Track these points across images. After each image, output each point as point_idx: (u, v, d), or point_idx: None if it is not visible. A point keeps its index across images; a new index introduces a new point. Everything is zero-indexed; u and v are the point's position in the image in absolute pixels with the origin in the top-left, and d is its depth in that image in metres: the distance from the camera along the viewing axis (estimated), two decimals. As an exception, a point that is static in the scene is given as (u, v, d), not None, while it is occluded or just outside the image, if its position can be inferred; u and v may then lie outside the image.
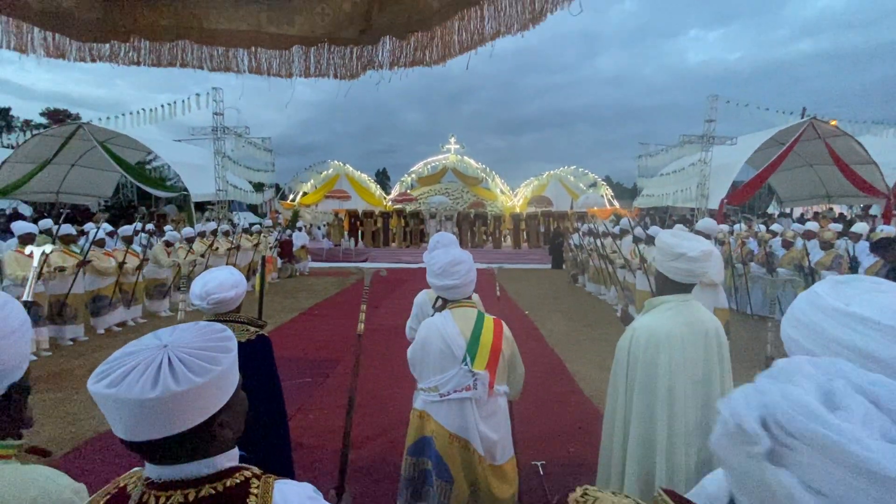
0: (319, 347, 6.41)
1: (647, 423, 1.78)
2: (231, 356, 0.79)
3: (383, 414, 4.18)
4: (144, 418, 0.71)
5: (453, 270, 2.05)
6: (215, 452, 0.80)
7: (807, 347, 0.73)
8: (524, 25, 1.39)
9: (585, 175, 25.65)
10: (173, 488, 0.75)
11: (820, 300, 0.74)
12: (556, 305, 9.49)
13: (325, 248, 18.21)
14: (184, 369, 0.73)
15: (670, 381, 1.76)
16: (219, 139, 16.02)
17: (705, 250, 1.81)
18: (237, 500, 0.76)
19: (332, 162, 25.18)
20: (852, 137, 15.88)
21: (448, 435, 1.97)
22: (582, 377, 5.13)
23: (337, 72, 1.77)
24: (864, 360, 0.66)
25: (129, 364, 0.73)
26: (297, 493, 0.81)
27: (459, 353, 1.98)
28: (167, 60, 1.71)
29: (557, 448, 3.57)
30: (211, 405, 0.76)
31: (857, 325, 0.68)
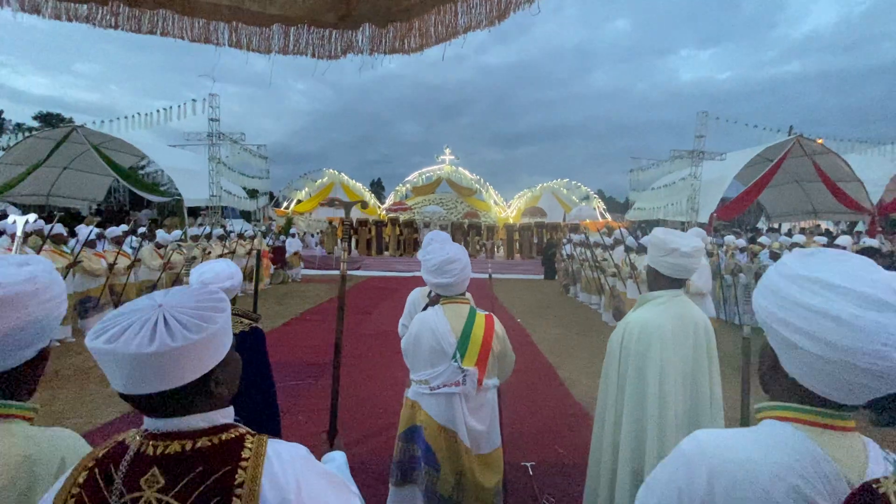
0: (310, 352, 6.38)
1: (639, 414, 1.81)
2: (225, 316, 0.81)
3: (375, 417, 4.17)
4: (142, 373, 0.73)
5: (448, 268, 2.07)
6: (211, 408, 0.82)
7: (776, 313, 0.78)
8: (491, 21, 1.49)
9: (578, 188, 25.91)
10: (170, 439, 0.77)
11: (787, 269, 0.79)
12: (548, 314, 9.53)
13: (318, 256, 18.16)
14: (179, 327, 0.75)
15: (661, 374, 1.80)
16: (214, 145, 16.04)
17: (697, 246, 1.87)
18: (232, 452, 0.77)
19: (327, 170, 25.23)
20: (838, 155, 16.28)
21: (437, 426, 2.00)
22: (572, 382, 5.16)
23: (315, 52, 1.81)
24: (825, 320, 0.71)
25: (125, 322, 0.75)
26: (290, 450, 0.83)
27: (450, 350, 2.01)
28: (147, 28, 1.71)
29: (547, 449, 3.58)
30: (206, 362, 0.79)
31: (820, 290, 0.72)
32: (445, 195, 26.93)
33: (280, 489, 0.76)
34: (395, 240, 19.99)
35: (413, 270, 15.45)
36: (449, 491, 1.98)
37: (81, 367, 5.48)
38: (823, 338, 0.70)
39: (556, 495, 2.95)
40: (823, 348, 0.71)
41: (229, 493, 0.73)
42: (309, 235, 20.37)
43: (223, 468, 0.75)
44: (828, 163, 16.30)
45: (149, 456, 0.75)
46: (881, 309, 0.68)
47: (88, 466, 0.77)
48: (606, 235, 9.33)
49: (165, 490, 0.73)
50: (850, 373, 0.70)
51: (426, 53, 1.68)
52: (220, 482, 0.74)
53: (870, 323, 0.67)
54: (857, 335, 0.68)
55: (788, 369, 0.79)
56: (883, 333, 0.67)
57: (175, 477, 0.74)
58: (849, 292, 0.70)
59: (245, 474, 0.75)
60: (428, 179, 26.70)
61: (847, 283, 0.71)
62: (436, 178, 26.61)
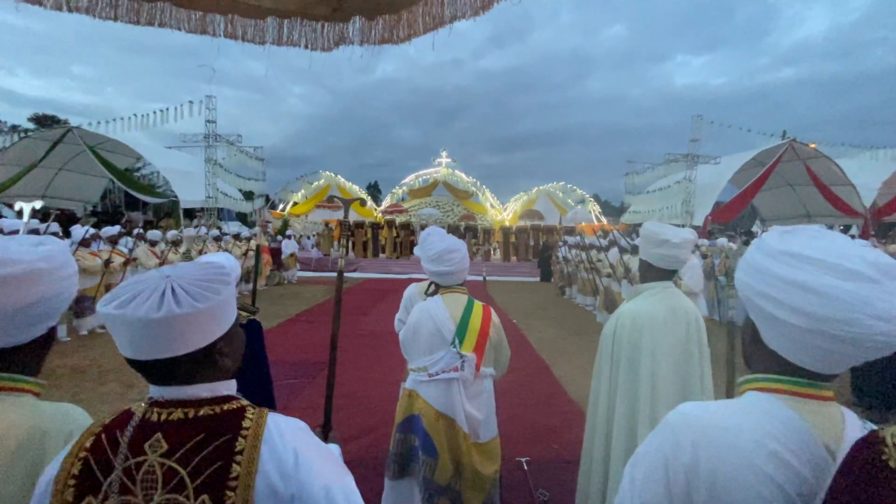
0: (306, 351, 6.37)
1: (631, 402, 1.84)
2: (230, 289, 0.84)
3: (368, 415, 4.18)
4: (150, 338, 0.76)
5: (448, 257, 2.13)
6: (215, 379, 0.84)
7: (756, 287, 0.81)
8: (476, 11, 1.56)
9: (574, 191, 26.06)
10: (174, 406, 0.80)
11: (767, 245, 0.82)
12: (544, 315, 9.57)
13: (313, 258, 18.15)
14: (185, 295, 0.78)
15: (653, 362, 1.83)
16: (210, 147, 16.04)
17: (686, 237, 1.91)
18: (233, 422, 0.80)
19: (324, 172, 25.26)
20: (830, 160, 16.46)
21: (435, 413, 2.02)
22: (567, 380, 5.19)
23: (309, 44, 1.86)
24: (803, 292, 0.74)
25: (135, 290, 0.78)
26: (289, 423, 0.85)
27: (449, 336, 2.05)
28: (145, 19, 1.75)
29: (541, 445, 3.60)
30: (211, 331, 0.81)
31: (798, 263, 0.75)
32: (442, 198, 27.02)
33: (278, 458, 0.78)
34: (391, 242, 20.00)
35: (409, 273, 15.46)
36: (447, 479, 2.00)
37: (77, 367, 5.46)
38: (802, 309, 0.73)
39: (550, 489, 2.97)
40: (802, 319, 0.74)
41: (229, 459, 0.76)
42: (305, 238, 20.36)
43: (224, 436, 0.77)
44: (820, 167, 16.48)
45: (153, 422, 0.78)
46: (856, 279, 0.71)
47: (95, 432, 0.79)
48: (602, 238, 9.40)
49: (168, 455, 0.75)
50: (827, 341, 0.73)
51: (422, 58, 1.73)
52: (221, 449, 0.76)
53: (845, 293, 0.70)
54: (834, 305, 0.71)
55: (769, 342, 0.82)
56: (858, 303, 0.69)
57: (178, 442, 0.76)
58: (825, 265, 0.73)
59: (245, 442, 0.77)
60: (424, 182, 26.77)
61: (823, 256, 0.74)
62: (432, 180, 26.69)
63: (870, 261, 0.72)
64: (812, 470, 0.71)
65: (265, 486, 0.75)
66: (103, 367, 5.47)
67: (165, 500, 0.73)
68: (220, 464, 0.75)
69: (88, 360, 5.73)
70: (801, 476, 0.71)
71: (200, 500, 0.73)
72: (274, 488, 0.75)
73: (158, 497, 0.73)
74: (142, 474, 0.74)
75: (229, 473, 0.74)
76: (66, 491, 0.73)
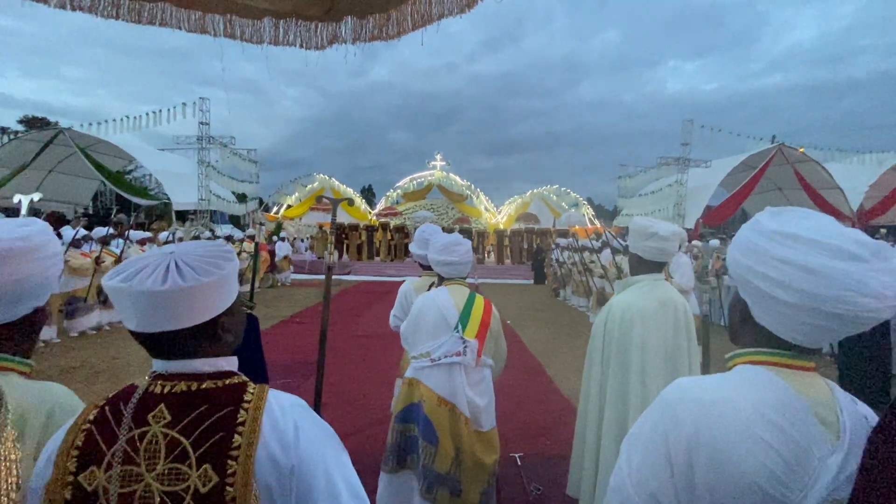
0: (300, 352, 6.36)
1: (622, 392, 1.88)
2: (232, 265, 0.86)
3: (360, 414, 4.20)
4: (154, 311, 0.78)
5: (454, 248, 2.24)
6: (217, 354, 0.86)
7: (751, 266, 0.84)
8: (462, 9, 1.62)
9: (568, 194, 26.19)
10: (177, 379, 0.81)
11: (760, 226, 0.86)
12: (538, 316, 9.62)
13: (307, 261, 18.09)
14: (189, 269, 0.80)
15: (643, 354, 1.88)
16: (204, 149, 15.96)
17: (675, 231, 1.96)
18: (235, 395, 0.81)
19: (318, 175, 25.20)
20: (818, 164, 16.72)
21: (436, 398, 2.05)
22: (560, 379, 5.23)
23: (303, 43, 1.93)
24: (796, 270, 0.77)
25: (140, 265, 0.80)
26: (289, 398, 0.86)
27: (452, 321, 2.11)
28: (147, 19, 1.80)
29: (534, 441, 3.64)
30: (214, 305, 0.83)
31: (791, 243, 0.79)
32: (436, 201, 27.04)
33: (279, 431, 0.79)
34: (385, 245, 19.99)
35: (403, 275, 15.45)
36: (447, 467, 2.02)
37: (66, 367, 5.41)
38: (795, 286, 0.77)
39: (543, 484, 2.99)
40: (795, 296, 0.77)
41: (231, 429, 0.77)
42: (299, 240, 20.30)
43: (226, 408, 0.79)
44: (809, 171, 16.73)
45: (156, 394, 0.79)
46: (846, 258, 0.74)
47: (99, 405, 0.81)
48: (595, 240, 9.48)
49: (171, 425, 0.77)
50: (818, 318, 0.77)
51: (416, 62, 1.78)
52: (223, 420, 0.78)
53: (836, 271, 0.74)
54: (825, 282, 0.74)
55: (759, 319, 0.86)
56: (847, 280, 0.73)
57: (180, 413, 0.78)
58: (817, 244, 0.77)
59: (247, 414, 0.79)
60: (419, 185, 26.79)
61: (815, 236, 0.78)
62: (427, 183, 26.71)
63: (859, 241, 0.76)
64: (803, 435, 0.75)
65: (266, 456, 0.76)
66: (94, 368, 5.43)
67: (168, 470, 0.74)
68: (222, 434, 0.76)
69: (79, 361, 5.68)
70: (794, 441, 0.74)
71: (202, 470, 0.74)
72: (275, 459, 0.77)
73: (161, 466, 0.74)
74: (145, 444, 0.75)
75: (231, 443, 0.76)
76: (68, 462, 0.75)
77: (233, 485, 0.73)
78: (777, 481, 0.73)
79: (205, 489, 0.73)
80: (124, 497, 0.72)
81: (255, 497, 0.74)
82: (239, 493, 0.73)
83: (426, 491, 2.05)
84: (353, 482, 0.83)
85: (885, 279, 0.73)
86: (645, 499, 0.82)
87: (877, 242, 0.77)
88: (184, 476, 0.74)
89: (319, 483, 0.78)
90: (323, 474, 0.79)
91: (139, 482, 0.73)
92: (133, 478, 0.73)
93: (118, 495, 0.72)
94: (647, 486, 0.82)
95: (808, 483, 0.72)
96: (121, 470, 0.74)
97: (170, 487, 0.73)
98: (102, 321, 7.33)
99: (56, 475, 0.74)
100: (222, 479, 0.74)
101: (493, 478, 2.13)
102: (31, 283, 0.99)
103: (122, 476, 0.73)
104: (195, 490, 0.73)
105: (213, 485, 0.73)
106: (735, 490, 0.74)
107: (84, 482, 0.73)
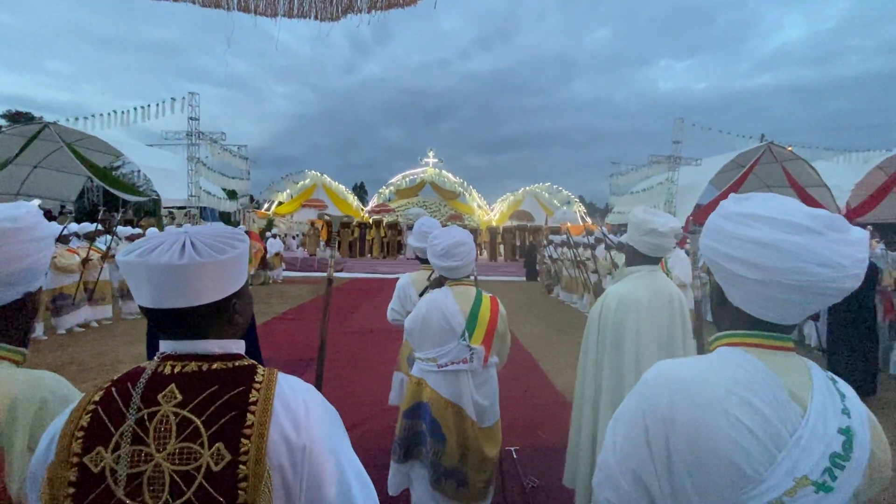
0: (293, 349, 6.33)
1: (617, 382, 1.89)
2: (244, 245, 0.87)
3: (357, 410, 4.18)
4: (171, 286, 0.78)
5: (456, 252, 2.10)
6: (227, 335, 0.86)
7: (718, 248, 0.88)
8: None
9: (560, 192, 26.31)
10: (188, 360, 0.81)
11: (725, 210, 0.90)
12: (531, 312, 9.66)
13: (299, 258, 17.97)
14: (205, 247, 0.81)
15: (637, 344, 1.89)
16: (193, 144, 15.74)
17: (673, 227, 1.97)
18: (246, 376, 0.81)
19: (310, 172, 25.02)
20: (806, 162, 16.97)
21: (443, 402, 2.05)
22: (555, 374, 5.26)
23: (318, 13, 1.90)
24: (756, 247, 0.81)
25: (155, 242, 0.81)
26: (297, 381, 0.87)
27: (459, 329, 2.06)
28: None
29: (530, 435, 3.66)
30: (228, 284, 0.84)
31: (751, 222, 0.83)
32: (429, 198, 27.01)
33: (291, 410, 0.79)
34: (378, 242, 19.92)
35: (396, 272, 15.42)
36: (454, 462, 2.03)
37: (54, 364, 5.32)
38: (758, 263, 0.81)
39: (539, 477, 3.01)
40: (759, 272, 0.81)
41: (244, 409, 0.77)
42: (290, 237, 20.14)
43: (238, 387, 0.79)
44: (797, 169, 16.97)
45: (166, 375, 0.79)
46: (802, 233, 0.78)
47: (105, 387, 0.79)
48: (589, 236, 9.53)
49: (182, 405, 0.76)
50: (782, 291, 0.80)
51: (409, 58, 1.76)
52: (236, 399, 0.77)
53: (794, 245, 0.78)
54: (785, 256, 0.78)
55: (733, 300, 0.89)
56: (804, 252, 0.77)
57: (192, 393, 0.77)
58: (775, 221, 0.81)
59: (258, 395, 0.79)
60: (411, 182, 26.73)
61: (773, 215, 0.82)
62: (419, 180, 26.67)
63: (814, 215, 0.80)
64: (775, 412, 0.77)
65: (279, 436, 0.76)
66: (84, 365, 5.35)
67: (179, 449, 0.73)
68: (235, 413, 0.76)
69: (68, 358, 5.59)
70: (766, 418, 0.76)
71: (215, 448, 0.74)
72: (287, 438, 0.77)
73: (172, 446, 0.73)
74: (154, 424, 0.74)
75: (244, 422, 0.75)
76: (73, 443, 0.73)
77: (246, 463, 0.73)
78: (751, 458, 0.75)
79: (217, 467, 0.73)
80: (133, 477, 0.72)
81: (267, 475, 0.74)
82: (252, 472, 0.73)
83: (434, 482, 2.08)
84: (358, 466, 0.84)
85: (843, 249, 0.77)
86: (627, 476, 0.86)
87: (831, 215, 0.81)
88: (196, 455, 0.73)
89: (329, 465, 0.78)
90: (332, 457, 0.79)
91: (149, 462, 0.72)
92: (142, 458, 0.73)
93: (127, 476, 0.71)
94: (628, 463, 0.86)
95: (777, 459, 0.75)
96: (129, 450, 0.73)
97: (181, 467, 0.72)
98: (91, 318, 7.22)
99: (59, 457, 0.73)
100: (235, 458, 0.73)
101: (495, 467, 2.16)
102: (21, 266, 0.97)
103: (131, 456, 0.72)
104: (207, 469, 0.72)
105: (227, 463, 0.73)
106: (710, 467, 0.77)
107: (90, 463, 0.72)
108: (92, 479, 0.71)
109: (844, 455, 0.76)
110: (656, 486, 0.83)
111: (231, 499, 0.72)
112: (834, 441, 0.77)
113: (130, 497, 0.71)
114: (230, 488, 0.72)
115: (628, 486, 0.86)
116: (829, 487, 0.74)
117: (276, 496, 0.75)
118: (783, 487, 0.74)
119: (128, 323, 7.59)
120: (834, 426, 0.78)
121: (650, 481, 0.84)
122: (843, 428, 0.78)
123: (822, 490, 0.74)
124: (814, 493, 0.74)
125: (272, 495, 0.74)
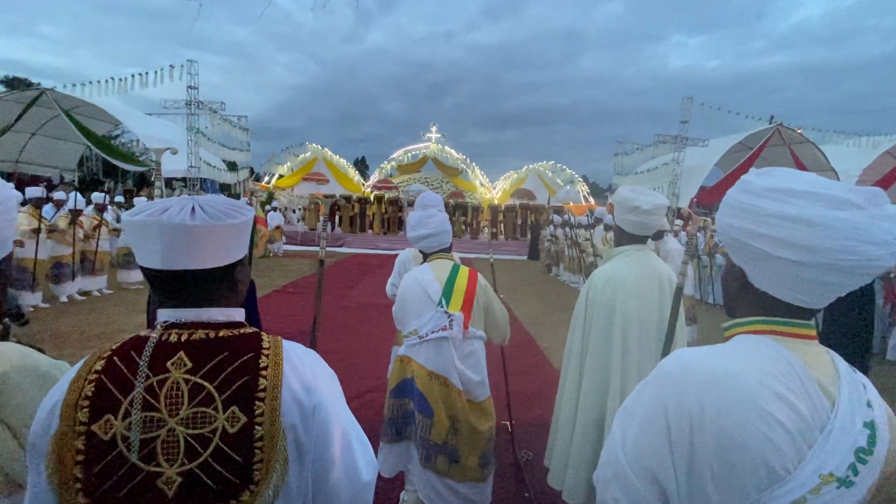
0: (292, 322, 6.38)
1: (602, 362, 1.90)
2: (250, 214, 0.87)
3: (358, 380, 4.25)
4: (182, 246, 0.78)
5: (427, 221, 2.22)
6: (229, 304, 0.86)
7: (746, 228, 0.80)
8: None
9: (563, 171, 26.01)
10: (194, 328, 0.81)
11: (750, 186, 0.82)
12: (531, 291, 9.69)
13: (299, 232, 17.93)
14: (215, 211, 0.81)
15: (624, 323, 1.88)
16: (193, 114, 15.48)
17: (658, 204, 1.92)
18: (253, 344, 0.82)
19: (310, 145, 24.71)
20: (815, 145, 16.68)
21: (427, 373, 2.07)
22: (552, 352, 5.31)
23: None
24: (796, 224, 0.74)
25: (164, 205, 0.80)
26: (302, 347, 0.88)
27: (435, 297, 2.10)
28: None
29: (525, 410, 3.72)
30: (234, 250, 0.85)
31: (786, 197, 0.76)
32: (431, 174, 26.76)
33: (300, 374, 0.82)
34: (379, 218, 19.83)
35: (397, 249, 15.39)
36: (444, 437, 2.05)
37: (57, 332, 5.38)
38: (797, 242, 0.74)
39: (533, 450, 3.06)
40: (797, 252, 0.74)
41: (255, 373, 0.78)
42: (290, 212, 20.05)
43: (248, 353, 0.80)
44: (805, 152, 16.71)
45: (173, 343, 0.79)
46: (846, 207, 0.72)
47: (105, 356, 0.78)
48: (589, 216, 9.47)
49: (193, 372, 0.77)
50: (822, 272, 0.74)
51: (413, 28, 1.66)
52: (246, 364, 0.78)
53: (839, 221, 0.71)
54: (830, 234, 0.71)
55: (759, 284, 0.82)
56: (852, 229, 0.71)
57: (202, 360, 0.78)
58: (812, 195, 0.74)
59: (268, 360, 0.80)
60: (414, 158, 26.41)
61: (811, 188, 0.75)
62: (421, 156, 26.34)
63: (854, 189, 0.73)
64: (807, 406, 0.73)
65: (291, 397, 0.78)
66: (86, 333, 5.41)
67: (193, 414, 0.74)
68: (247, 378, 0.77)
69: (70, 326, 5.65)
70: (800, 413, 0.72)
71: (230, 412, 0.75)
72: (298, 399, 0.79)
73: (185, 411, 0.74)
74: (165, 390, 0.75)
75: (258, 386, 0.77)
76: (79, 412, 0.73)
77: (262, 424, 0.75)
78: (783, 456, 0.70)
79: (233, 429, 0.74)
80: (146, 442, 0.72)
81: (282, 434, 0.76)
82: (267, 431, 0.75)
83: (425, 460, 2.10)
84: (357, 426, 0.88)
85: (885, 224, 0.71)
86: (641, 475, 0.79)
87: (871, 188, 0.74)
88: (211, 419, 0.74)
89: (335, 426, 0.82)
90: (337, 418, 0.83)
91: (161, 427, 0.73)
92: (155, 423, 0.73)
93: (140, 441, 0.72)
94: (643, 462, 0.79)
95: (807, 456, 0.70)
96: (140, 416, 0.73)
97: (196, 430, 0.74)
98: (92, 287, 7.26)
99: (65, 426, 0.73)
100: (251, 420, 0.75)
101: (490, 443, 2.17)
102: None
103: (142, 422, 0.73)
104: (223, 431, 0.74)
105: (242, 425, 0.75)
106: (738, 466, 0.71)
107: (99, 431, 0.72)
108: (102, 446, 0.72)
109: (868, 449, 0.72)
110: (673, 487, 0.77)
111: (248, 458, 0.74)
112: (861, 435, 0.72)
113: (144, 461, 0.72)
114: (247, 448, 0.74)
115: (642, 485, 0.79)
116: (851, 482, 0.70)
117: (289, 454, 0.77)
118: (809, 486, 0.69)
119: (128, 293, 7.63)
120: (860, 420, 0.73)
121: (667, 481, 0.77)
122: (867, 422, 0.74)
123: (843, 486, 0.70)
124: (836, 489, 0.70)
125: (287, 453, 0.77)
